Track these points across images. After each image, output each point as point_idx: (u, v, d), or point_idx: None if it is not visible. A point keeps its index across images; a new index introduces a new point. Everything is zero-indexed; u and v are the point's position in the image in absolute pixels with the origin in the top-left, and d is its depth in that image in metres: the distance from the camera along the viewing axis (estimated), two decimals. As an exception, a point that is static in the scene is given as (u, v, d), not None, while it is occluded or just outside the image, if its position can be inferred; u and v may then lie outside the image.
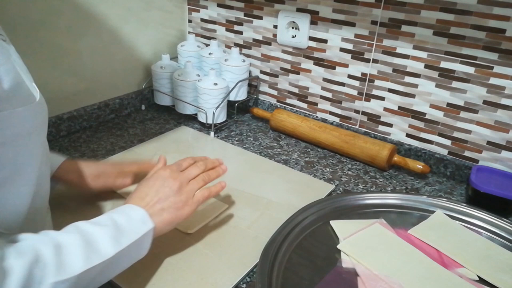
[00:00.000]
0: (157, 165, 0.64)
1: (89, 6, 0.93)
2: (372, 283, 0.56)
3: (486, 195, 0.74)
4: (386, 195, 0.76)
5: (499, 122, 0.80)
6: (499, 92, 0.78)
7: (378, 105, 0.94)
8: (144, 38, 1.09)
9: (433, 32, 0.81)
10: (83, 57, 0.96)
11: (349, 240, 0.64)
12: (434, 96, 0.86)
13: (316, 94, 1.02)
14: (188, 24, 1.20)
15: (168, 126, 1.03)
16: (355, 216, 0.70)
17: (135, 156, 0.87)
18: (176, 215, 0.56)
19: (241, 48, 1.11)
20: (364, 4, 0.88)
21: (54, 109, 0.93)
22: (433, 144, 0.89)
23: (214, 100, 0.97)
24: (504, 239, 0.67)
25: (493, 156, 0.83)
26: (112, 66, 1.03)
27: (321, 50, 0.97)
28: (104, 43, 0.99)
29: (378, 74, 0.91)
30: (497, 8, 0.74)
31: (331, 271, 0.58)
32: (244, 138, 1.00)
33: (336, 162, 0.91)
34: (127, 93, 1.09)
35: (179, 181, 0.58)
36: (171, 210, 0.55)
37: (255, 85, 1.12)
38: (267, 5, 1.02)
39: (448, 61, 0.82)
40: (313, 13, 0.95)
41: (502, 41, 0.75)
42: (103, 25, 0.98)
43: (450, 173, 0.88)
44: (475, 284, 0.57)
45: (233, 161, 0.89)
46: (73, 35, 0.92)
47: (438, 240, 0.65)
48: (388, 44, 0.88)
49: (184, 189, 0.58)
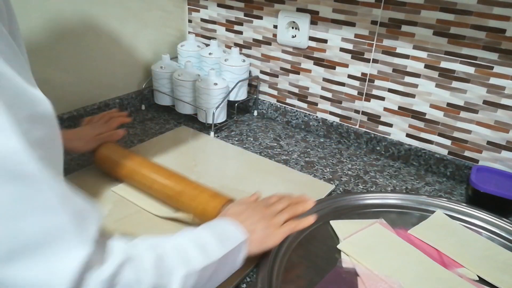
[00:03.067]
0: (250, 198, 0.67)
1: (89, 6, 0.93)
2: (372, 283, 0.56)
3: (486, 195, 0.74)
4: (386, 195, 0.76)
5: (499, 122, 0.80)
6: (499, 92, 0.78)
7: (378, 105, 0.94)
8: (144, 38, 1.09)
9: (433, 32, 0.81)
10: (83, 57, 0.96)
11: (349, 240, 0.64)
12: (434, 96, 0.86)
13: (316, 94, 1.02)
14: (188, 24, 1.20)
15: (168, 126, 1.03)
16: (355, 216, 0.70)
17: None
18: (265, 239, 0.57)
19: (241, 48, 1.11)
20: (364, 4, 0.88)
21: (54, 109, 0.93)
22: (433, 144, 0.89)
23: (214, 100, 0.97)
24: (504, 239, 0.67)
25: (493, 156, 0.83)
26: (112, 66, 1.03)
27: (321, 50, 0.97)
28: (104, 43, 0.99)
29: (378, 74, 0.91)
30: (497, 8, 0.74)
31: (331, 271, 0.58)
32: (244, 138, 1.00)
33: (336, 162, 0.91)
34: (127, 93, 1.09)
35: (269, 211, 0.61)
36: (261, 234, 0.57)
37: (255, 85, 1.12)
38: (267, 5, 1.02)
39: (448, 61, 0.82)
40: (313, 13, 0.95)
41: (502, 41, 0.75)
42: (103, 25, 0.98)
43: (450, 173, 0.88)
44: (475, 284, 0.57)
45: (233, 161, 0.89)
46: (73, 35, 0.92)
47: (438, 240, 0.65)
48: (388, 44, 0.88)
49: (272, 220, 0.60)
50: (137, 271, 0.39)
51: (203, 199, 0.65)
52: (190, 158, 0.88)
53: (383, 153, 0.95)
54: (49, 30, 0.87)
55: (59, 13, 0.88)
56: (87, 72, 0.98)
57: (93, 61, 0.98)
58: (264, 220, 0.59)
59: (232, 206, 0.61)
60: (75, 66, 0.95)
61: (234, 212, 0.59)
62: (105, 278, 0.36)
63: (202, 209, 0.64)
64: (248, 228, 0.55)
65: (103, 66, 1.01)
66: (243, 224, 0.56)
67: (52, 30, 0.88)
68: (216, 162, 0.89)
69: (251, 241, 0.55)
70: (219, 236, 0.51)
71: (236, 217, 0.57)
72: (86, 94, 0.99)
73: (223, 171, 0.85)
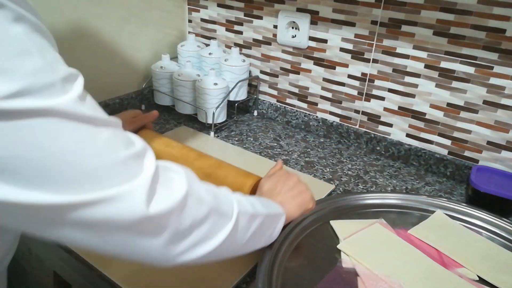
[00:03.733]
0: (275, 167, 0.71)
1: (89, 6, 0.93)
2: (372, 283, 0.56)
3: (486, 195, 0.74)
4: (386, 195, 0.76)
5: (499, 122, 0.80)
6: (499, 92, 0.78)
7: (378, 105, 0.94)
8: (144, 38, 1.09)
9: (433, 32, 0.81)
10: (83, 57, 0.96)
11: (349, 240, 0.64)
12: (434, 96, 0.86)
13: (316, 94, 1.02)
14: (188, 24, 1.20)
15: (168, 126, 1.03)
16: (355, 216, 0.70)
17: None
18: (303, 201, 0.63)
19: (241, 48, 1.11)
20: (364, 4, 0.88)
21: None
22: (433, 144, 0.89)
23: (214, 100, 0.97)
24: (504, 239, 0.67)
25: (493, 156, 0.83)
26: (112, 66, 1.03)
27: (321, 50, 0.97)
28: (104, 43, 0.99)
29: (378, 74, 0.91)
30: (497, 8, 0.74)
31: (331, 271, 0.58)
32: (244, 138, 1.00)
33: (336, 162, 0.91)
34: (127, 93, 1.09)
35: (297, 176, 0.65)
36: (300, 197, 0.62)
37: (255, 85, 1.12)
38: (267, 5, 1.02)
39: (448, 61, 0.82)
40: (313, 13, 0.95)
41: (502, 41, 0.75)
42: (103, 25, 0.98)
43: (450, 173, 0.88)
44: (475, 284, 0.57)
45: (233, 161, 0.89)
46: (73, 35, 0.92)
47: (438, 240, 0.65)
48: (388, 44, 0.88)
49: (302, 183, 0.65)
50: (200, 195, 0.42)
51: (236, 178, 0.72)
52: (190, 158, 0.88)
53: (383, 153, 0.95)
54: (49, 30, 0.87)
55: (59, 13, 0.88)
56: (87, 72, 0.97)
57: (93, 61, 0.98)
58: (299, 184, 0.64)
59: (264, 182, 0.64)
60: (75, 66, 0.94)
61: (268, 189, 0.63)
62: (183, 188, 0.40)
63: (237, 188, 0.69)
64: (287, 197, 0.61)
65: (103, 66, 1.01)
66: (282, 196, 0.61)
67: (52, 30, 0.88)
68: (216, 162, 0.89)
69: (292, 207, 0.61)
70: (263, 202, 0.55)
71: (271, 192, 0.62)
72: (86, 94, 0.99)
73: (223, 171, 0.85)
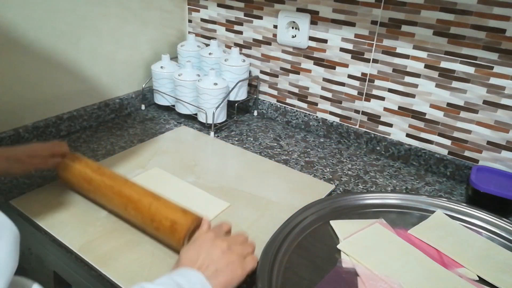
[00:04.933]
0: (201, 228, 0.60)
1: (89, 6, 0.93)
2: (372, 283, 0.56)
3: (486, 195, 0.74)
4: (386, 195, 0.76)
5: (499, 122, 0.80)
6: (499, 92, 0.78)
7: (378, 105, 0.94)
8: (144, 38, 1.09)
9: (433, 32, 0.81)
10: (83, 57, 0.96)
11: (349, 240, 0.64)
12: (434, 96, 0.86)
13: (316, 94, 1.02)
14: (188, 24, 1.20)
15: (168, 126, 1.03)
16: (355, 216, 0.70)
17: (135, 156, 0.87)
18: (231, 277, 0.53)
19: (241, 48, 1.11)
20: (364, 4, 0.88)
21: (54, 109, 0.93)
22: (433, 144, 0.89)
23: (214, 100, 0.97)
24: (504, 239, 0.67)
25: (493, 156, 0.83)
26: (112, 66, 1.03)
27: (321, 50, 0.97)
28: (104, 43, 0.99)
29: (378, 74, 0.91)
30: (497, 8, 0.74)
31: (331, 271, 0.58)
32: (244, 138, 1.00)
33: (336, 162, 0.91)
34: (127, 93, 1.09)
35: (227, 242, 0.56)
36: (226, 272, 0.53)
37: (255, 85, 1.12)
38: (267, 5, 1.02)
39: (448, 61, 0.82)
40: (313, 13, 0.95)
41: (502, 41, 0.75)
42: (103, 25, 0.98)
43: (450, 173, 0.88)
44: (475, 284, 0.57)
45: (233, 161, 0.89)
46: (73, 35, 0.92)
47: (438, 240, 0.65)
48: (388, 44, 0.88)
49: (234, 250, 0.55)
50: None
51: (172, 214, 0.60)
52: (190, 158, 0.88)
53: (383, 153, 0.95)
54: (49, 29, 0.87)
55: (59, 13, 0.88)
56: (87, 72, 0.98)
57: (93, 61, 0.98)
58: (225, 253, 0.54)
59: (186, 249, 0.55)
60: (75, 66, 0.95)
61: (191, 259, 0.53)
62: None
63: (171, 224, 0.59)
64: (210, 273, 0.52)
65: (103, 66, 1.01)
66: (204, 271, 0.52)
67: (52, 29, 0.88)
68: (216, 162, 0.89)
69: (218, 284, 0.51)
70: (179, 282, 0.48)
71: (193, 264, 0.52)
72: (86, 94, 0.99)
73: (223, 171, 0.85)
